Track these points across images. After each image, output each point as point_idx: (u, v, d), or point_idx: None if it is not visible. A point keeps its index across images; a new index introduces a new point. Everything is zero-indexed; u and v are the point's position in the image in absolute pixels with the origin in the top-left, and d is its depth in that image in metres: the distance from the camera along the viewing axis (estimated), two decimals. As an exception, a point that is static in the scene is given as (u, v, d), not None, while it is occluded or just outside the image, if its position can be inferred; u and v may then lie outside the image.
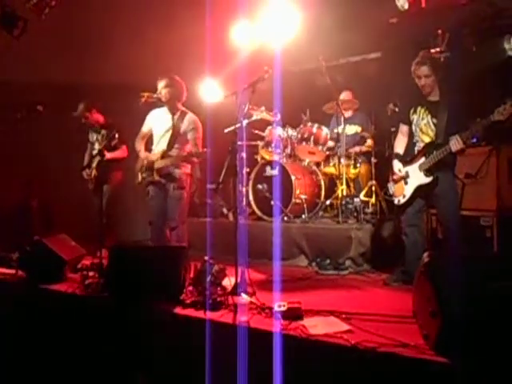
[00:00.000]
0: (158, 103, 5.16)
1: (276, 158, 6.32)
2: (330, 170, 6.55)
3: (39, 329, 4.28)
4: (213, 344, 3.14)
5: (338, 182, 6.17)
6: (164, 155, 5.00)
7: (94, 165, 6.14)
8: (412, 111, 4.49)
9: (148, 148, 5.26)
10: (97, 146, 6.19)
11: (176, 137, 5.05)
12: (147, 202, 5.22)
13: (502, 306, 2.48)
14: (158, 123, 5.17)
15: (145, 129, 5.26)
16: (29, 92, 7.07)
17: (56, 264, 4.67)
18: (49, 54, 7.19)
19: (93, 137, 6.36)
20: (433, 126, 4.34)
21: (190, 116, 5.11)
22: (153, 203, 5.13)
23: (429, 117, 4.36)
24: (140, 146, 5.23)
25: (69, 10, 6.99)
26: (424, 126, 4.40)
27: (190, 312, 3.56)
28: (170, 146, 5.04)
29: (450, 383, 2.45)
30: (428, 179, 4.27)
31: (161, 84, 5.04)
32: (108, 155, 5.79)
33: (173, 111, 5.12)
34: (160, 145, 5.11)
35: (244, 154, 5.16)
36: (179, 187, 5.04)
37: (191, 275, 4.06)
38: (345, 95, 6.70)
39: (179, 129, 5.05)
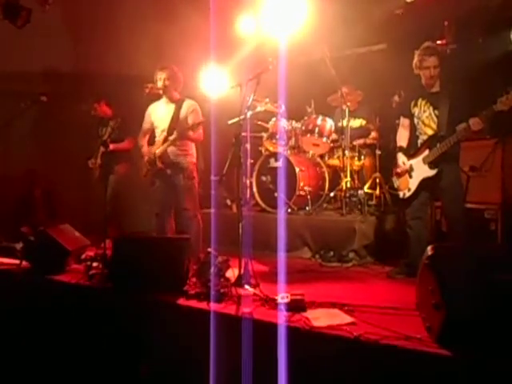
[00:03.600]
0: (159, 95, 5.14)
1: (280, 149, 6.31)
2: (334, 162, 6.54)
3: (43, 319, 4.29)
4: (216, 335, 3.15)
5: (342, 174, 6.15)
6: (164, 141, 5.00)
7: (99, 154, 6.17)
8: (413, 104, 4.48)
9: (152, 142, 5.25)
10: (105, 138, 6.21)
11: (175, 123, 5.02)
12: (152, 193, 5.21)
13: (505, 299, 2.48)
14: (158, 116, 5.16)
15: (146, 125, 5.25)
16: (33, 82, 7.07)
17: (60, 254, 4.68)
18: (52, 45, 7.19)
19: (102, 130, 6.37)
20: (435, 118, 4.32)
21: (187, 101, 5.10)
22: (159, 194, 5.12)
23: (431, 109, 4.35)
24: (143, 142, 5.22)
25: (75, 0, 6.99)
26: (426, 119, 4.38)
27: (194, 303, 3.57)
28: (170, 132, 5.02)
29: (452, 376, 2.45)
30: (433, 172, 4.26)
31: (161, 75, 5.02)
32: (111, 146, 5.81)
33: (171, 100, 5.11)
34: (161, 135, 5.10)
35: (248, 146, 5.15)
36: (189, 177, 5.03)
37: (195, 266, 4.06)
38: (343, 89, 6.62)
39: (178, 115, 5.04)
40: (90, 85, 7.02)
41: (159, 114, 5.16)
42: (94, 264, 4.53)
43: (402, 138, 4.62)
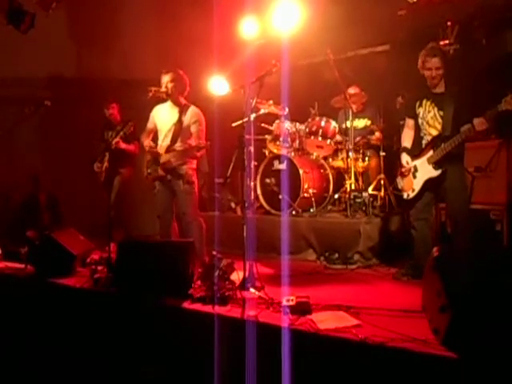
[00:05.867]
0: (163, 98, 5.14)
1: (284, 151, 6.30)
2: (338, 163, 6.52)
3: (48, 323, 4.30)
4: (221, 338, 3.15)
5: (346, 175, 6.15)
6: (168, 150, 4.99)
7: (106, 158, 6.18)
8: (418, 104, 4.46)
9: (155, 143, 5.24)
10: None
11: (179, 130, 5.01)
12: (153, 197, 5.22)
13: (511, 300, 2.47)
14: (162, 118, 5.14)
15: (150, 125, 5.23)
16: (36, 87, 7.10)
17: (65, 258, 4.69)
18: (56, 50, 7.22)
19: (107, 134, 6.39)
20: (440, 119, 4.31)
21: (192, 109, 5.08)
22: (159, 198, 5.12)
23: (435, 109, 4.33)
24: (147, 142, 5.21)
25: (78, 5, 7.02)
26: (431, 119, 4.37)
27: (199, 306, 3.56)
28: (174, 140, 5.00)
29: (459, 378, 2.44)
30: (437, 172, 4.25)
31: (166, 78, 5.01)
32: (123, 145, 5.87)
33: (176, 105, 5.10)
34: (165, 139, 5.09)
35: (252, 148, 5.12)
36: (188, 182, 5.02)
37: (199, 269, 4.06)
38: (351, 90, 6.63)
39: (182, 122, 5.02)
40: (93, 89, 7.04)
41: (163, 117, 5.15)
42: (99, 268, 4.54)
43: (407, 139, 4.61)
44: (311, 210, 6.03)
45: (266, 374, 2.91)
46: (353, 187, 6.03)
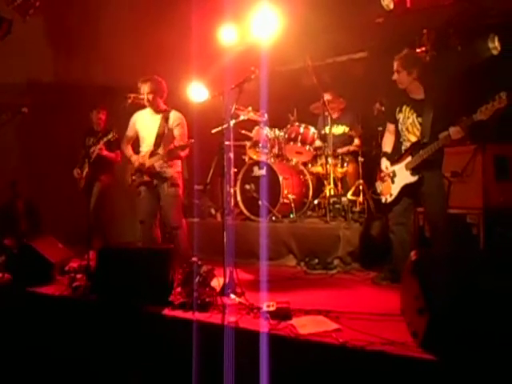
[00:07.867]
0: (142, 104, 5.12)
1: (263, 158, 6.32)
2: (318, 169, 6.56)
3: (26, 332, 4.24)
4: (201, 345, 3.14)
5: (325, 181, 6.19)
6: (152, 154, 4.98)
7: (86, 165, 6.14)
8: (398, 110, 4.51)
9: (136, 150, 5.22)
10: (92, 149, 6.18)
11: (162, 135, 5.01)
12: (137, 203, 5.18)
13: (488, 303, 2.50)
14: (144, 125, 5.13)
15: (130, 132, 5.20)
16: (14, 93, 7.02)
17: (43, 267, 4.64)
18: (33, 55, 7.15)
19: (89, 140, 6.33)
20: (418, 125, 4.35)
21: (173, 113, 5.08)
22: (144, 203, 5.09)
23: (414, 116, 4.38)
24: (128, 150, 5.19)
25: (56, 11, 6.97)
26: (410, 126, 4.42)
27: (179, 313, 3.55)
28: (157, 144, 5.01)
29: (437, 380, 2.46)
30: (414, 178, 4.29)
31: (145, 89, 4.99)
32: (104, 152, 5.85)
33: (157, 111, 5.09)
34: (148, 145, 5.07)
35: (232, 155, 5.14)
36: (172, 185, 5.01)
37: (180, 276, 4.04)
38: (327, 96, 6.65)
39: (164, 127, 5.02)
40: (72, 95, 6.99)
41: (145, 124, 5.12)
42: (78, 276, 4.49)
43: (387, 144, 4.66)
44: (291, 216, 6.05)
45: (248, 380, 2.91)
46: (332, 193, 6.08)
